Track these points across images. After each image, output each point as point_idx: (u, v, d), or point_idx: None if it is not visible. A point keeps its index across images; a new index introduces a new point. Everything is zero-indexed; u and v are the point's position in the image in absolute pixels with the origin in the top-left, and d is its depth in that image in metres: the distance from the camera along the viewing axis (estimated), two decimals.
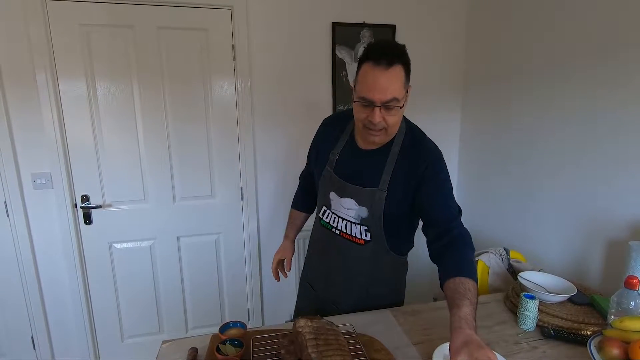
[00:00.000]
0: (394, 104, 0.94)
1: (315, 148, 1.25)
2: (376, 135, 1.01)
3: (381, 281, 1.22)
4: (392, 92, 0.92)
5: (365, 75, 0.94)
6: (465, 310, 0.82)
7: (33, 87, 1.69)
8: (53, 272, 1.87)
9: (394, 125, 1.00)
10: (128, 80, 1.80)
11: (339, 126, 1.18)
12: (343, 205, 1.13)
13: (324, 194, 1.18)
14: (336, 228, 1.17)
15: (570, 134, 1.56)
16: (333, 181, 1.14)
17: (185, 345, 1.04)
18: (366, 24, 2.02)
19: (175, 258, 2.03)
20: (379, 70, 0.91)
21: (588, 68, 1.47)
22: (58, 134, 1.75)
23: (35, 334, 1.89)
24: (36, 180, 1.76)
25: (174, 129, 1.90)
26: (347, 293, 1.23)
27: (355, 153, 1.12)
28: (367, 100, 0.94)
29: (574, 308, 1.18)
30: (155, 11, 1.77)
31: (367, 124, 0.98)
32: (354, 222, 1.12)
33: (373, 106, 0.94)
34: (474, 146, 2.22)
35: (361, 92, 0.95)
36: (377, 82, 0.92)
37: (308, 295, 1.33)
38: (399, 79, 0.93)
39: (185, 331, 2.12)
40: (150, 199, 1.93)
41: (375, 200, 1.06)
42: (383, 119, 0.96)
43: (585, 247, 1.51)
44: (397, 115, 0.98)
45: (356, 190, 1.09)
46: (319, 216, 1.23)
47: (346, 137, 1.15)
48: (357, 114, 1.01)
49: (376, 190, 1.06)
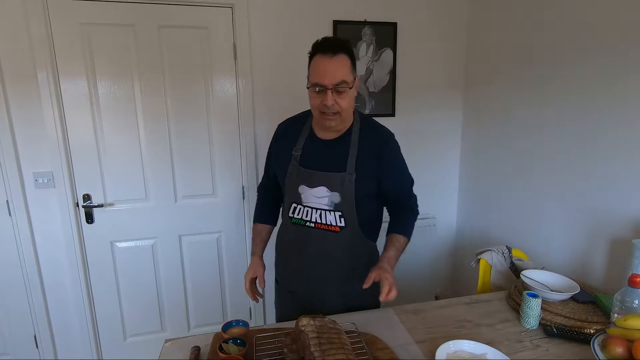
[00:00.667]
0: (344, 87, 1.05)
1: (275, 152, 1.27)
2: (332, 119, 1.09)
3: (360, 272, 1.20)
4: (340, 76, 1.03)
5: (315, 65, 1.06)
6: (390, 254, 1.14)
7: (34, 85, 1.69)
8: (55, 271, 1.88)
9: (346, 108, 1.08)
10: (129, 79, 1.80)
11: (296, 126, 1.24)
12: (314, 195, 1.16)
13: (292, 191, 1.19)
14: (310, 221, 1.18)
15: (573, 131, 1.55)
16: (301, 174, 1.17)
17: (188, 344, 1.04)
18: (367, 21, 2.01)
19: (177, 257, 2.03)
20: (327, 58, 1.03)
21: (591, 65, 1.46)
22: (59, 133, 1.75)
23: (37, 333, 1.90)
24: (38, 180, 1.77)
25: (176, 128, 1.89)
26: (329, 288, 1.23)
27: (317, 144, 1.18)
28: (320, 85, 1.04)
29: (577, 306, 1.17)
30: (156, 10, 1.76)
31: (322, 109, 1.07)
32: (328, 210, 1.16)
33: (325, 90, 1.04)
34: (475, 144, 2.21)
35: (313, 79, 1.06)
36: (326, 68, 1.03)
37: (290, 301, 1.30)
38: (345, 64, 1.05)
39: (187, 330, 2.13)
40: (151, 198, 1.93)
41: (345, 183, 1.13)
42: (336, 102, 1.05)
43: (588, 245, 1.50)
44: (348, 99, 1.08)
45: (325, 177, 1.14)
46: (289, 215, 1.21)
47: (306, 133, 1.21)
48: (312, 101, 1.10)
49: (345, 174, 1.13)
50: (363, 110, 2.10)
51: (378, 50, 2.05)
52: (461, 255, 2.41)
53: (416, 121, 2.23)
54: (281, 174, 1.22)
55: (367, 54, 2.04)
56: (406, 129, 2.22)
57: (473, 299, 1.32)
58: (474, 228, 2.27)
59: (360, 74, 2.06)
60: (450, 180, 2.38)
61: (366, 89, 2.09)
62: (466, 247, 2.35)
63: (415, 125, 2.23)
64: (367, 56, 2.05)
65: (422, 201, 2.30)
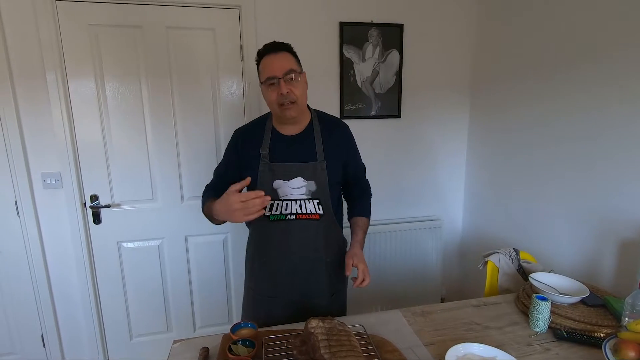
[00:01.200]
0: (293, 74, 1.13)
1: (239, 156, 1.26)
2: (290, 108, 1.15)
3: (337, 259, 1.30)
4: (288, 65, 1.13)
5: (263, 64, 1.16)
6: (359, 237, 1.27)
7: (43, 87, 1.70)
8: (63, 271, 1.89)
9: (300, 96, 1.16)
10: (136, 80, 1.81)
11: (256, 129, 1.27)
12: (291, 186, 1.21)
13: (266, 188, 1.19)
14: (290, 213, 1.21)
15: (581, 132, 1.54)
16: (274, 170, 1.20)
17: (197, 344, 1.04)
18: (374, 23, 2.01)
19: (183, 257, 2.03)
20: (272, 55, 1.15)
21: (599, 67, 1.45)
22: (68, 134, 1.76)
23: (45, 332, 1.91)
24: (46, 180, 1.78)
25: (182, 129, 1.90)
26: (314, 278, 1.26)
27: (284, 141, 1.23)
28: (271, 77, 1.12)
29: (587, 310, 1.16)
30: (163, 11, 1.77)
31: (279, 100, 1.14)
32: (307, 199, 1.21)
33: (278, 80, 1.12)
34: (482, 146, 2.21)
35: (265, 74, 1.14)
36: (274, 62, 1.14)
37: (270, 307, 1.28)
38: (289, 58, 1.16)
39: (192, 330, 2.13)
40: (158, 199, 1.94)
41: (318, 171, 1.21)
42: (290, 90, 1.12)
43: (597, 247, 1.49)
44: (301, 87, 1.16)
45: (300, 167, 1.20)
46: (265, 215, 1.21)
47: (269, 133, 1.25)
48: (269, 97, 1.16)
49: (317, 162, 1.21)
50: (369, 112, 2.11)
51: (384, 51, 2.05)
52: (467, 257, 2.41)
53: (422, 122, 2.22)
54: (250, 175, 1.17)
55: (373, 55, 2.04)
56: (412, 130, 2.22)
57: (481, 301, 1.31)
58: (480, 230, 2.26)
59: (367, 75, 2.06)
60: (456, 181, 2.38)
61: (372, 90, 2.09)
62: (472, 248, 2.34)
63: (421, 126, 2.22)
64: (374, 57, 2.05)
65: (427, 202, 2.34)
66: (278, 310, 1.25)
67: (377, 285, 2.22)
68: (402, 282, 2.28)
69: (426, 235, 2.27)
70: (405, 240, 2.24)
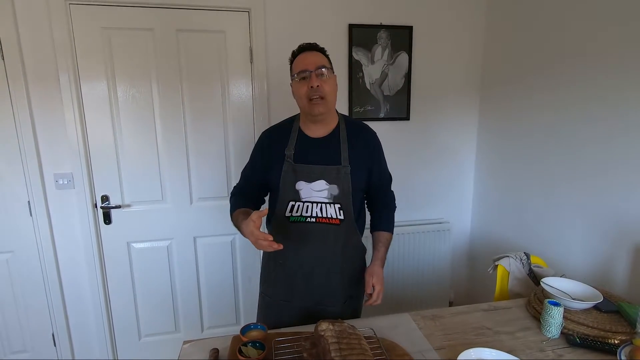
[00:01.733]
0: (325, 70, 1.15)
1: (264, 157, 1.27)
2: (319, 104, 1.15)
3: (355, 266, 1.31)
4: (320, 62, 1.16)
5: (297, 61, 1.19)
6: (381, 254, 1.27)
7: (56, 88, 1.73)
8: (74, 270, 1.91)
9: (330, 92, 1.16)
10: (147, 82, 1.83)
11: (283, 130, 1.27)
12: (314, 188, 1.20)
13: (289, 189, 1.21)
14: (311, 216, 1.20)
15: (593, 133, 1.52)
16: (298, 170, 1.20)
17: (207, 345, 1.05)
18: (383, 25, 2.01)
19: (192, 258, 2.05)
20: (307, 52, 1.19)
21: (612, 68, 1.43)
22: (80, 135, 1.78)
23: (55, 331, 1.93)
24: (58, 181, 1.80)
25: (192, 130, 1.92)
26: (330, 283, 1.25)
27: (309, 143, 1.23)
28: (303, 71, 1.15)
29: (600, 316, 1.14)
30: (174, 14, 1.79)
31: (309, 94, 1.14)
32: (329, 202, 1.20)
33: (309, 73, 1.14)
34: (491, 148, 2.19)
35: (297, 69, 1.17)
36: (307, 57, 1.17)
37: (283, 311, 1.27)
38: (322, 57, 1.19)
39: (200, 331, 2.14)
40: (168, 199, 1.96)
41: (342, 175, 1.20)
42: (320, 85, 1.13)
43: (610, 252, 1.47)
44: (330, 84, 1.17)
45: (323, 170, 1.20)
46: (286, 215, 1.21)
47: (295, 134, 1.24)
48: (299, 91, 1.17)
49: (340, 167, 1.20)
50: (377, 114, 2.10)
51: (393, 53, 2.05)
52: (476, 260, 2.38)
53: (431, 125, 2.21)
54: (275, 176, 1.22)
55: (382, 57, 2.04)
56: (421, 133, 2.21)
57: (491, 305, 1.30)
58: (489, 233, 2.24)
59: (375, 78, 2.06)
60: (465, 184, 2.36)
61: (381, 92, 2.08)
62: (481, 252, 2.32)
63: (430, 129, 2.21)
64: (383, 60, 2.04)
65: (436, 205, 2.33)
66: (291, 316, 1.25)
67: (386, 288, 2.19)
68: (410, 286, 2.26)
69: (435, 239, 2.26)
70: (414, 243, 2.23)
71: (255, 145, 1.33)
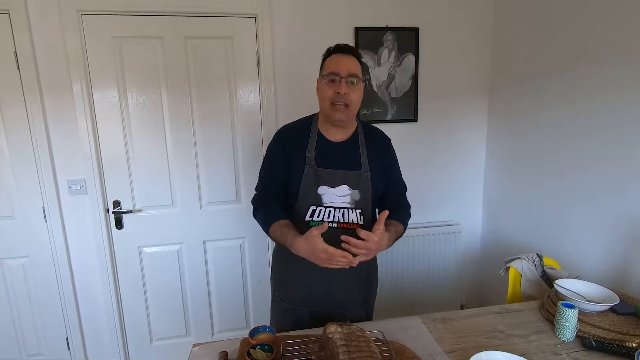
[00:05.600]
0: (356, 79, 1.13)
1: (282, 157, 1.21)
2: (341, 111, 1.13)
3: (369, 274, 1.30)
4: (353, 69, 1.13)
5: (330, 60, 1.16)
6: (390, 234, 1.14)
7: (69, 97, 1.77)
8: (86, 275, 1.94)
9: (355, 102, 1.15)
10: (157, 89, 1.86)
11: (302, 130, 1.24)
12: (336, 193, 1.18)
13: (310, 193, 1.17)
14: (333, 221, 1.18)
15: (607, 135, 1.49)
16: (320, 174, 1.18)
17: (216, 348, 1.05)
18: (389, 27, 2.01)
19: (202, 262, 2.06)
20: (342, 55, 1.15)
21: (624, 69, 1.41)
22: (92, 142, 1.82)
23: (69, 335, 1.96)
24: (72, 187, 1.84)
25: (201, 136, 1.94)
26: (349, 290, 1.24)
27: (330, 146, 1.22)
28: (334, 73, 1.12)
29: (617, 318, 1.11)
30: (182, 21, 1.82)
31: (334, 99, 1.12)
32: (350, 208, 1.19)
33: (339, 79, 1.11)
34: (501, 149, 2.16)
35: (328, 70, 1.14)
36: (341, 61, 1.13)
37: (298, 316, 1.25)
38: (356, 63, 1.15)
39: (211, 334, 2.15)
40: (178, 204, 1.98)
41: (363, 181, 1.19)
42: (348, 93, 1.11)
43: (626, 252, 1.43)
44: (357, 93, 1.15)
45: (345, 175, 1.19)
46: (307, 220, 1.18)
47: (315, 136, 1.22)
48: (324, 92, 1.15)
49: (361, 172, 1.20)
50: (385, 116, 2.10)
51: (400, 55, 2.05)
52: (487, 262, 2.35)
53: (439, 126, 2.20)
54: (295, 178, 1.19)
55: (389, 59, 2.04)
56: (428, 134, 2.19)
57: (503, 308, 1.27)
58: (500, 235, 2.21)
59: (382, 80, 2.06)
60: (475, 185, 2.33)
61: (388, 94, 2.08)
62: (492, 254, 2.28)
63: (437, 130, 2.20)
64: (389, 62, 2.04)
65: (445, 207, 2.30)
66: (307, 321, 1.22)
67: (395, 291, 2.19)
68: (420, 288, 2.24)
69: (445, 241, 2.23)
70: (424, 246, 2.21)
71: (272, 143, 1.26)
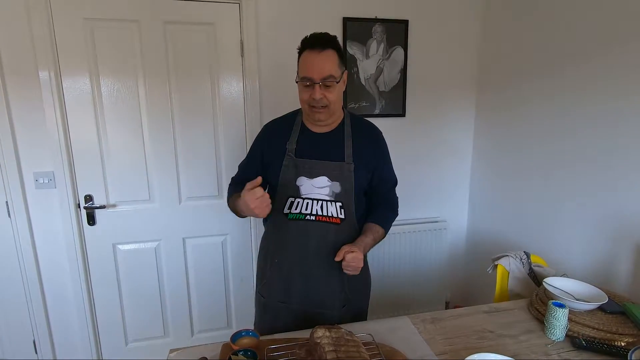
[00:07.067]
0: (331, 81, 1.07)
1: (265, 150, 1.23)
2: (320, 112, 1.11)
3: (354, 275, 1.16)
4: (328, 70, 1.06)
5: (304, 60, 1.09)
6: (367, 240, 1.15)
7: (36, 84, 1.64)
8: (55, 274, 1.82)
9: (334, 102, 1.11)
10: (133, 77, 1.75)
11: (285, 123, 1.23)
12: (315, 185, 1.15)
13: (289, 184, 1.17)
14: (310, 214, 1.15)
15: (593, 132, 1.49)
16: (299, 165, 1.16)
17: (194, 354, 0.98)
18: (378, 19, 1.96)
19: (181, 260, 1.97)
20: (315, 53, 1.07)
21: (610, 67, 1.40)
22: (61, 132, 1.70)
23: (37, 338, 1.84)
24: (38, 180, 1.71)
25: (180, 127, 1.84)
26: (329, 287, 1.20)
27: (312, 137, 1.19)
28: (307, 78, 1.07)
29: (606, 317, 1.11)
30: (161, 4, 1.71)
31: (310, 102, 1.10)
32: (330, 200, 1.16)
33: (314, 84, 1.07)
34: (488, 145, 2.15)
35: (302, 74, 1.09)
36: (314, 62, 1.07)
37: (281, 313, 1.22)
38: (332, 59, 1.08)
39: (190, 335, 2.07)
40: (155, 199, 1.88)
41: (345, 173, 1.15)
42: (324, 95, 1.08)
43: (612, 251, 1.44)
44: (336, 92, 1.10)
45: (325, 166, 1.15)
46: (284, 212, 1.17)
47: (298, 128, 1.20)
48: (301, 95, 1.12)
49: (344, 163, 1.16)
50: (373, 110, 2.05)
51: (389, 48, 2.00)
52: (473, 260, 2.35)
53: (427, 121, 2.17)
54: (274, 170, 1.18)
55: (377, 52, 1.99)
56: (416, 129, 2.17)
57: (492, 307, 1.25)
58: (486, 232, 2.21)
59: (370, 73, 2.01)
60: (462, 182, 2.32)
61: (376, 88, 2.03)
62: (478, 251, 2.29)
63: (425, 125, 2.17)
64: (378, 54, 1.99)
65: (432, 204, 2.28)
66: (287, 319, 1.19)
67: (380, 288, 2.16)
68: (405, 285, 2.22)
69: (430, 238, 2.21)
70: (409, 243, 2.19)
71: (256, 137, 1.29)
